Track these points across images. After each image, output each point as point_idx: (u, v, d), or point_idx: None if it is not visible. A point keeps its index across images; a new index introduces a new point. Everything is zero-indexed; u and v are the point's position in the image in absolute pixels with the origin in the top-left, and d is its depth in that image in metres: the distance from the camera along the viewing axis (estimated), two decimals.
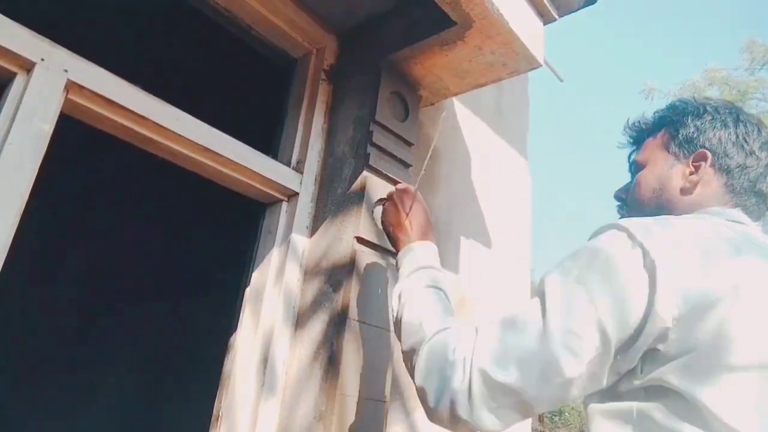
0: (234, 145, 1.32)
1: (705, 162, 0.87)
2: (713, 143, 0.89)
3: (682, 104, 0.96)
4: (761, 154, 0.88)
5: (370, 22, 1.59)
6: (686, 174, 0.89)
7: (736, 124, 0.90)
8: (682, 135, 0.91)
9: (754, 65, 14.78)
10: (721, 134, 0.89)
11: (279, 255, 1.40)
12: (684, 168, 0.89)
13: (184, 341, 2.91)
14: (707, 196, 0.87)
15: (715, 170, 0.88)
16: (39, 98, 1.01)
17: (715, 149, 0.88)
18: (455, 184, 1.95)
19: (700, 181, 0.88)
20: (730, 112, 0.91)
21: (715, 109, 0.91)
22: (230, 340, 1.39)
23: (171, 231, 3.33)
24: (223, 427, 1.28)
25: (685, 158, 0.90)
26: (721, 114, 0.91)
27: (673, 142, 0.92)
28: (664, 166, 0.92)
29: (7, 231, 0.94)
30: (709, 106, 0.92)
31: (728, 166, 0.87)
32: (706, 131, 0.90)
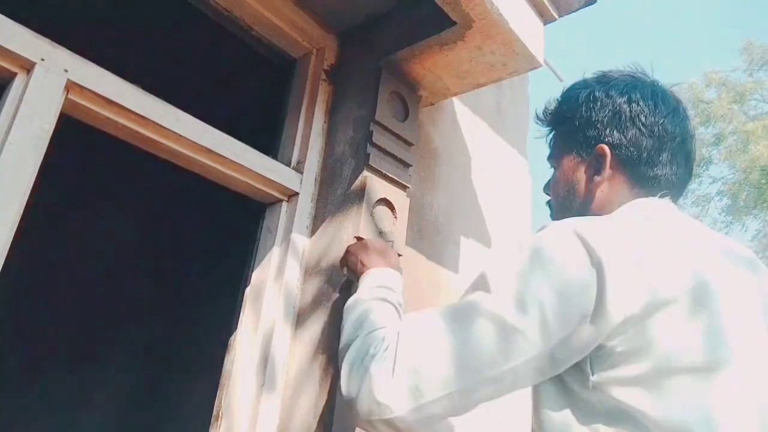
0: (234, 145, 1.32)
1: (605, 158, 0.84)
2: (609, 134, 0.84)
3: (575, 93, 0.91)
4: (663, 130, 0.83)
5: (370, 22, 1.59)
6: (590, 174, 0.86)
7: (629, 104, 0.84)
8: (580, 131, 0.88)
9: (752, 66, 14.80)
10: (615, 121, 0.84)
11: (279, 255, 1.40)
12: (587, 167, 0.87)
13: (184, 341, 2.91)
14: (616, 192, 0.84)
15: (617, 162, 0.84)
16: (39, 98, 1.01)
17: (612, 141, 0.84)
18: (455, 184, 1.95)
19: (606, 179, 0.85)
20: (623, 91, 0.86)
21: (606, 93, 0.86)
22: (230, 340, 1.39)
23: (171, 231, 3.33)
24: (223, 426, 1.28)
25: (587, 155, 0.87)
26: (612, 97, 0.85)
27: (573, 139, 0.89)
28: (570, 168, 0.89)
29: (7, 231, 0.94)
30: (601, 90, 0.87)
31: (630, 155, 0.83)
32: (599, 122, 0.86)
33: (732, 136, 14.29)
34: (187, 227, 3.24)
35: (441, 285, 1.78)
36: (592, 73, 0.93)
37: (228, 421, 1.28)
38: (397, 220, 1.43)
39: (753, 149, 13.22)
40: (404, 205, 1.47)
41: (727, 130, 14.36)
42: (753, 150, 13.22)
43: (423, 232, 1.74)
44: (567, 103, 0.92)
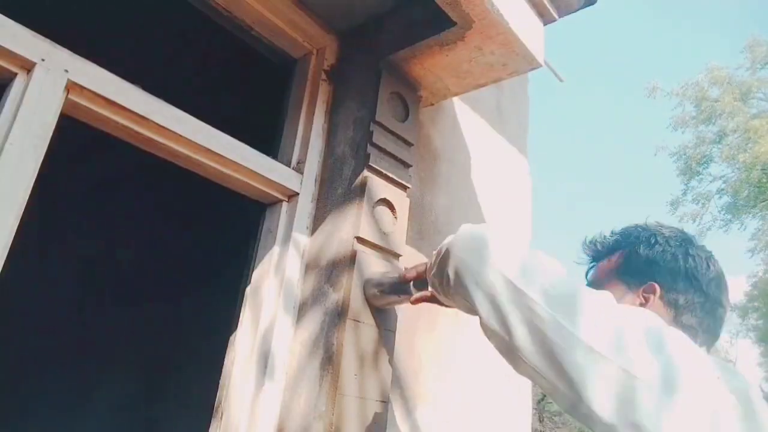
0: (234, 145, 1.32)
1: (654, 295, 0.89)
2: (663, 276, 0.90)
3: (635, 231, 0.97)
4: (708, 290, 0.89)
5: (371, 23, 1.59)
6: (636, 305, 0.89)
7: (686, 257, 0.91)
8: (634, 264, 0.93)
9: (755, 64, 14.79)
10: (671, 267, 0.90)
11: (279, 254, 1.41)
12: (634, 299, 0.90)
13: (185, 339, 2.91)
14: None
15: (663, 303, 0.89)
16: (39, 98, 1.01)
17: (664, 282, 0.89)
18: (455, 184, 1.95)
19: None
20: (681, 244, 0.93)
21: (666, 240, 0.93)
22: (230, 339, 1.39)
23: (171, 230, 3.34)
24: (223, 425, 1.28)
25: (636, 288, 0.91)
26: (672, 246, 0.92)
27: (625, 269, 0.94)
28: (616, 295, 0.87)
29: (8, 230, 0.94)
30: (660, 236, 0.94)
31: (676, 300, 0.88)
32: (656, 263, 0.91)
33: (733, 134, 14.29)
34: (188, 227, 3.24)
35: None
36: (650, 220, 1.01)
37: (228, 419, 1.28)
38: (397, 220, 1.44)
39: (755, 147, 13.21)
40: (404, 205, 1.47)
41: (729, 127, 14.35)
42: (755, 148, 13.21)
43: (423, 232, 1.74)
44: (626, 237, 0.98)
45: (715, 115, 14.49)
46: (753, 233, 15.91)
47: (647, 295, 0.89)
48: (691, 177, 15.57)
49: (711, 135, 14.99)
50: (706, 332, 0.89)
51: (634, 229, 0.99)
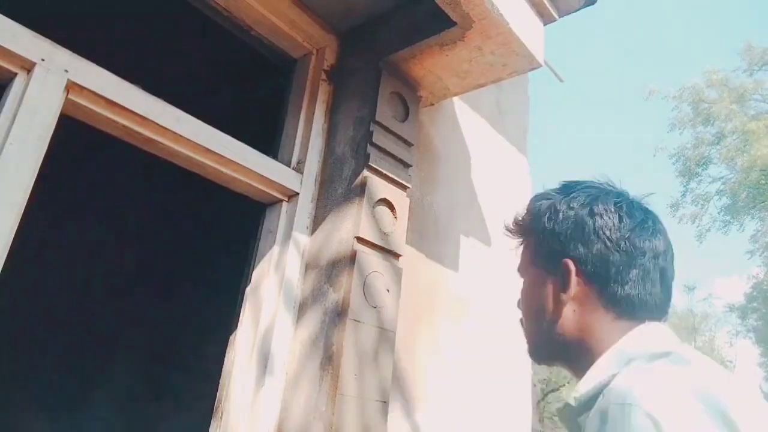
0: (234, 145, 1.32)
1: (569, 273, 0.78)
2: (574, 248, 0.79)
3: (538, 204, 0.86)
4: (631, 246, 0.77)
5: (371, 23, 1.59)
6: (557, 290, 0.80)
7: (592, 217, 0.79)
8: (544, 245, 0.83)
9: (752, 66, 14.84)
10: (578, 235, 0.79)
11: (279, 254, 1.41)
12: (554, 283, 0.80)
13: (185, 338, 2.91)
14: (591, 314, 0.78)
15: (584, 278, 0.78)
16: (39, 98, 1.01)
17: (576, 255, 0.78)
18: (455, 183, 1.95)
19: (574, 298, 0.78)
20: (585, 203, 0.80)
21: (568, 205, 0.81)
22: (230, 339, 1.39)
23: (172, 231, 3.33)
24: (222, 425, 1.28)
25: (554, 270, 0.81)
26: (574, 209, 0.80)
27: (538, 253, 0.84)
28: (538, 284, 0.84)
29: (8, 230, 0.94)
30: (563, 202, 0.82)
31: (596, 272, 0.77)
32: (562, 234, 0.80)
33: (732, 136, 14.32)
34: (188, 227, 3.24)
35: (441, 284, 1.78)
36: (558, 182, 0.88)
37: (228, 418, 1.28)
38: (396, 220, 1.44)
39: (753, 149, 13.24)
40: (404, 205, 1.47)
41: (727, 129, 14.38)
42: (753, 149, 13.23)
43: (423, 232, 1.74)
44: (531, 215, 0.87)
45: (712, 117, 14.54)
46: (752, 235, 15.94)
47: (564, 276, 0.78)
48: (690, 178, 15.60)
49: (709, 137, 15.02)
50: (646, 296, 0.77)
51: (537, 203, 0.87)
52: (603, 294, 0.77)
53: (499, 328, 2.05)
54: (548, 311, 0.81)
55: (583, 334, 0.78)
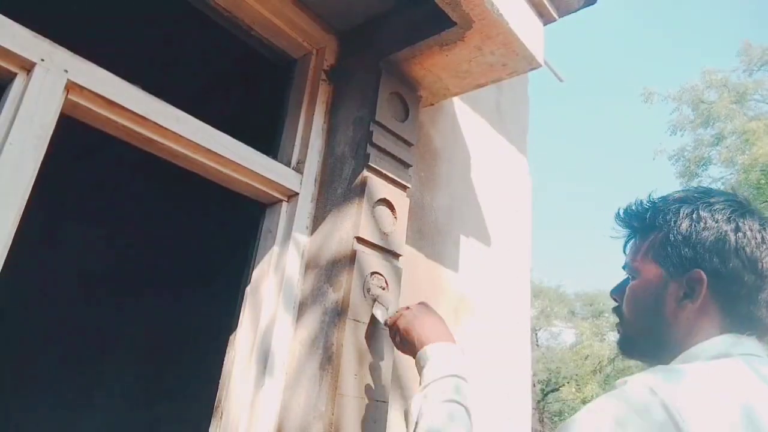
0: (234, 145, 1.32)
1: (701, 286, 0.77)
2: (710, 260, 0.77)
3: (674, 205, 0.83)
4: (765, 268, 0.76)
5: (370, 23, 1.59)
6: (680, 296, 0.79)
7: (736, 233, 0.77)
8: (674, 248, 0.80)
9: (751, 67, 14.85)
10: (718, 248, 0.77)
11: (279, 255, 1.41)
12: (678, 289, 0.79)
13: (185, 339, 2.91)
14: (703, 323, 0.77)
15: (711, 292, 0.77)
16: (39, 99, 1.01)
17: (711, 268, 0.77)
18: (455, 183, 1.95)
19: (696, 308, 0.78)
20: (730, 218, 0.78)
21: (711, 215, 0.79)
22: (230, 338, 1.39)
23: (171, 231, 3.34)
24: (222, 424, 1.28)
25: (679, 276, 0.79)
26: (718, 221, 0.78)
27: (665, 253, 0.81)
28: (656, 284, 0.82)
29: (8, 230, 0.94)
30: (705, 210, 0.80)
31: (728, 289, 0.76)
32: (701, 244, 0.78)
33: (732, 136, 14.33)
34: (187, 227, 3.24)
35: (441, 284, 1.78)
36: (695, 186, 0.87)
37: (228, 418, 1.28)
38: (397, 220, 1.44)
39: (753, 149, 13.24)
40: (404, 205, 1.47)
41: (727, 129, 14.39)
42: (753, 149, 13.24)
43: (423, 232, 1.74)
44: (663, 213, 0.84)
45: (712, 118, 14.54)
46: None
47: (692, 285, 0.77)
48: (690, 179, 15.60)
49: (709, 138, 15.03)
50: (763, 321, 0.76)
51: (673, 203, 0.84)
52: (725, 310, 0.77)
53: (499, 328, 2.05)
54: (666, 314, 0.80)
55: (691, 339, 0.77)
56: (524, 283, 2.30)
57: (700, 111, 14.91)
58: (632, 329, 0.86)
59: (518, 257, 2.29)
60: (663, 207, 0.85)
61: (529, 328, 2.30)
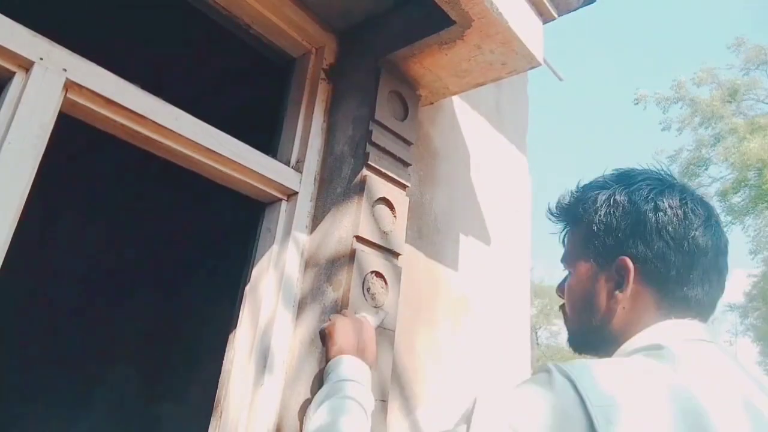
0: (233, 144, 1.32)
1: (628, 273, 0.75)
2: (633, 245, 0.75)
3: (593, 193, 0.81)
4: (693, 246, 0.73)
5: (370, 22, 1.59)
6: (611, 288, 0.77)
7: (656, 212, 0.74)
8: (597, 238, 0.78)
9: (748, 65, 14.86)
10: (640, 231, 0.74)
11: (278, 253, 1.40)
12: (607, 280, 0.78)
13: (185, 338, 2.91)
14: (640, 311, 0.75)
15: (641, 277, 0.75)
16: (38, 97, 1.01)
17: (636, 253, 0.75)
18: (454, 183, 1.95)
19: (627, 297, 0.76)
20: (647, 197, 0.76)
21: (628, 197, 0.77)
22: (230, 337, 1.39)
23: (171, 230, 3.33)
24: (222, 423, 1.28)
25: (608, 266, 0.77)
26: (636, 202, 0.76)
27: (590, 245, 0.80)
28: (587, 277, 0.81)
29: (7, 230, 0.94)
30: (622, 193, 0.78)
31: (658, 272, 0.74)
32: (620, 230, 0.76)
33: (730, 136, 14.33)
34: (187, 226, 3.24)
35: (440, 284, 1.78)
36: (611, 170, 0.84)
37: (227, 416, 1.28)
38: (396, 219, 1.44)
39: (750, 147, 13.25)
40: (404, 204, 1.47)
41: (726, 129, 14.40)
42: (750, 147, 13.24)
43: (422, 231, 1.74)
44: (583, 203, 0.82)
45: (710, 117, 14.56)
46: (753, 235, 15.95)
47: (621, 273, 0.75)
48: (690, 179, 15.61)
49: (708, 137, 15.04)
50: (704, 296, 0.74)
51: (591, 190, 0.82)
52: (659, 294, 0.74)
53: (499, 326, 2.05)
54: (600, 308, 0.79)
55: (632, 328, 0.75)
56: (524, 282, 2.30)
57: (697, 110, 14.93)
58: (576, 326, 0.85)
59: (518, 256, 2.29)
60: (582, 197, 0.83)
61: (528, 326, 2.30)
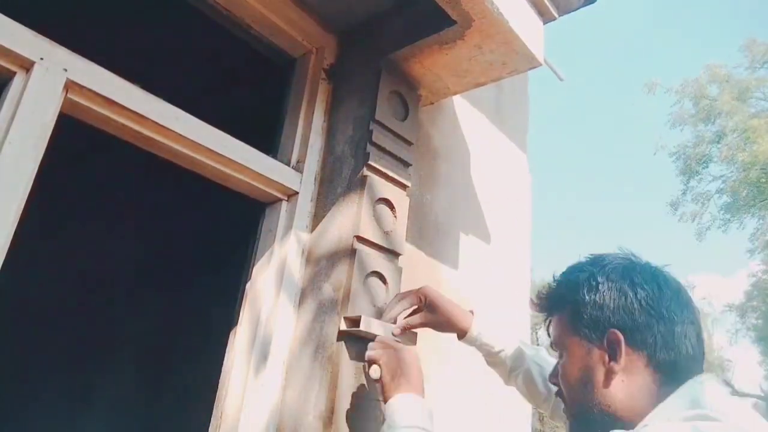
0: (234, 144, 1.32)
1: (620, 344, 0.80)
2: (620, 318, 0.81)
3: (574, 276, 0.89)
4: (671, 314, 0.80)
5: (370, 22, 1.58)
6: (606, 361, 0.82)
7: (633, 288, 0.82)
8: (585, 315, 0.85)
9: (754, 64, 14.82)
10: (623, 305, 0.82)
11: (279, 254, 1.41)
12: (601, 354, 0.83)
13: (185, 338, 2.91)
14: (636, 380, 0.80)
15: (632, 350, 0.80)
16: (38, 98, 1.01)
17: (623, 326, 0.81)
18: (455, 182, 1.95)
19: (624, 368, 0.80)
20: (623, 275, 0.84)
21: (607, 277, 0.84)
22: (230, 337, 1.39)
23: (171, 230, 3.33)
24: (222, 423, 1.28)
25: (599, 341, 0.83)
26: (614, 280, 0.84)
27: (580, 323, 0.86)
28: (581, 355, 0.85)
29: (7, 230, 0.94)
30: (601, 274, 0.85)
31: (644, 341, 0.80)
32: (606, 306, 0.83)
33: (733, 134, 14.31)
34: (187, 226, 3.24)
35: (441, 283, 1.78)
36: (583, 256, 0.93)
37: (227, 416, 1.28)
38: (396, 219, 1.44)
39: (754, 146, 13.23)
40: (404, 204, 1.47)
41: (728, 127, 14.37)
42: (753, 147, 13.22)
43: (423, 231, 1.74)
44: (566, 286, 0.90)
45: (714, 113, 14.54)
46: (752, 233, 15.94)
47: (612, 345, 0.81)
48: (691, 177, 15.60)
49: (710, 134, 15.02)
50: (689, 360, 0.80)
51: (572, 275, 0.90)
52: (651, 362, 0.80)
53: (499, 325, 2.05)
54: (597, 383, 0.82)
55: (634, 403, 0.79)
56: (524, 282, 2.30)
57: (701, 106, 14.90)
58: (578, 410, 0.87)
59: (518, 256, 2.29)
60: (565, 282, 0.91)
61: (528, 326, 2.30)
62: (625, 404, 0.80)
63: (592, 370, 0.83)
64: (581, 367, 0.85)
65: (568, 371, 0.88)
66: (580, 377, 0.85)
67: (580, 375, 0.85)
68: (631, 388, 0.80)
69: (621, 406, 0.80)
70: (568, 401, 0.89)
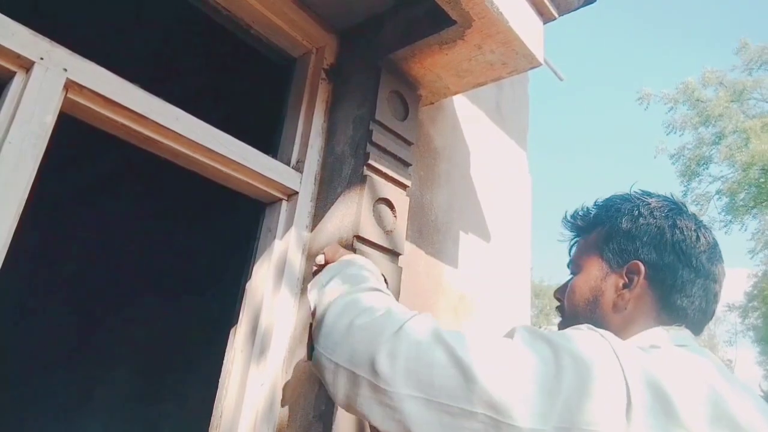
0: (234, 144, 1.32)
1: (638, 276, 0.83)
2: (648, 253, 0.83)
3: (617, 203, 0.91)
4: (699, 265, 0.82)
5: (370, 22, 1.58)
6: (619, 287, 0.84)
7: (673, 230, 0.84)
8: (615, 241, 0.87)
9: (750, 65, 14.85)
10: (656, 242, 0.83)
11: (279, 254, 1.40)
12: (617, 279, 0.85)
13: (185, 339, 2.91)
14: (640, 313, 0.82)
15: (648, 284, 0.83)
16: (38, 97, 1.00)
17: (649, 260, 0.83)
18: (455, 182, 1.95)
19: (634, 297, 0.83)
20: (667, 215, 0.86)
21: (650, 212, 0.86)
22: (230, 338, 1.39)
23: (171, 230, 3.33)
24: (222, 423, 1.28)
25: (619, 268, 0.85)
26: (657, 218, 0.85)
27: (607, 247, 0.88)
28: (597, 276, 0.87)
29: (7, 230, 0.94)
30: (645, 208, 0.87)
31: (664, 280, 0.82)
32: (639, 238, 0.85)
33: (732, 135, 14.33)
34: (188, 227, 3.24)
35: (441, 283, 1.78)
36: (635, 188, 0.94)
37: (227, 416, 1.28)
38: (396, 219, 1.44)
39: (752, 147, 13.25)
40: (404, 204, 1.47)
41: (728, 128, 14.39)
42: (752, 148, 13.24)
43: (423, 231, 1.74)
44: (606, 210, 0.92)
45: (712, 116, 14.56)
46: (753, 234, 15.96)
47: (631, 275, 0.84)
48: (691, 178, 15.61)
49: (709, 136, 15.03)
50: (697, 312, 0.82)
51: (615, 201, 0.92)
52: (662, 300, 0.82)
53: (499, 325, 2.05)
54: (604, 304, 0.85)
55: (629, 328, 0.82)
56: (524, 282, 2.30)
57: (699, 110, 14.92)
58: (572, 318, 0.89)
59: (518, 256, 2.29)
60: (606, 206, 0.93)
61: None
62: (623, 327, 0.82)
63: (603, 293, 0.86)
64: (594, 287, 0.87)
65: (578, 289, 0.90)
66: (588, 297, 0.87)
67: (589, 294, 0.87)
68: (634, 316, 0.83)
69: (615, 329, 0.80)
70: (567, 316, 0.91)
